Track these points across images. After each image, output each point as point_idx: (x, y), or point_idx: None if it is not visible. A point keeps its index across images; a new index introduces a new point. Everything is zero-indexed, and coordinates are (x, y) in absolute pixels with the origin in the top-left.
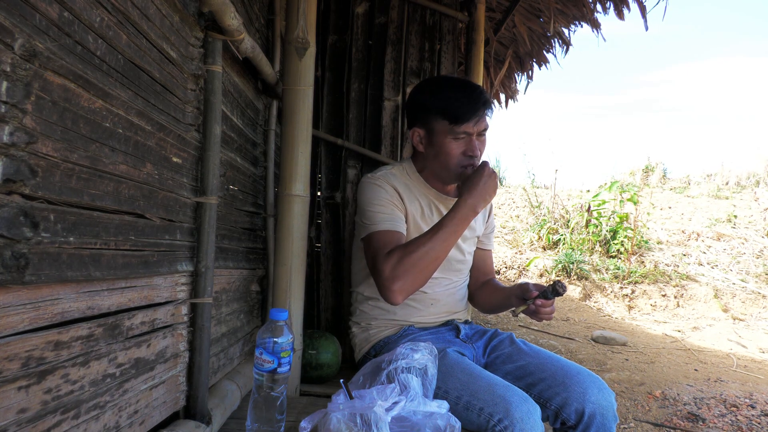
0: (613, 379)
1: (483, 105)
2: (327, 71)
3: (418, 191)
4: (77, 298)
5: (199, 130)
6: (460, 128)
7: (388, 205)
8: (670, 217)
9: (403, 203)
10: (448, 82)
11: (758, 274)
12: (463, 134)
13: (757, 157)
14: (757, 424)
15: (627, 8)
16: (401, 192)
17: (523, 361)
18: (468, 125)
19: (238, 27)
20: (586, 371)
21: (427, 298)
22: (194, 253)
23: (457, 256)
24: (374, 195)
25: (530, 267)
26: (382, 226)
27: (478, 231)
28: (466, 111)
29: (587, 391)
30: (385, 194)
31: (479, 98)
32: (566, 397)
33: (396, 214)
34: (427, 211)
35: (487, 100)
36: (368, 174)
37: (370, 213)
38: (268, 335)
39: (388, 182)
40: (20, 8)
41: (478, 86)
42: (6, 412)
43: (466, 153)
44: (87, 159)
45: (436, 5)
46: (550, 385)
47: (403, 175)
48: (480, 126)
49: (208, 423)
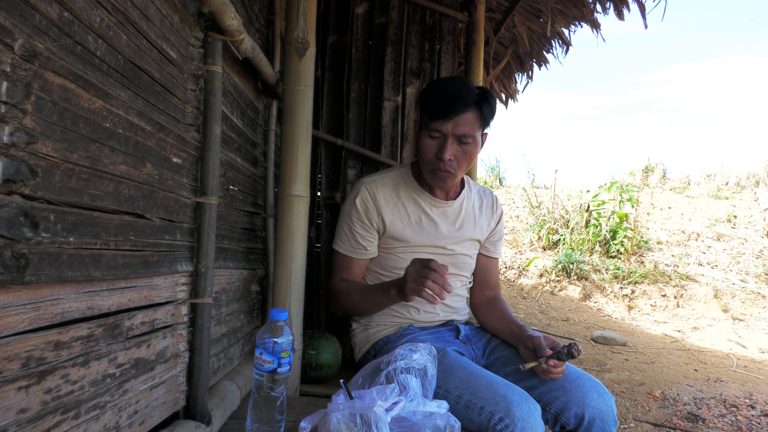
0: (613, 379)
1: (462, 105)
2: (327, 71)
3: (408, 197)
4: (77, 298)
5: (199, 130)
6: (434, 125)
7: (356, 227)
8: (670, 218)
9: (381, 215)
10: (446, 79)
11: (758, 275)
12: (438, 133)
13: (756, 158)
14: (757, 425)
15: (627, 8)
16: (382, 202)
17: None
18: (442, 123)
19: (238, 27)
20: (586, 375)
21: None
22: (194, 254)
23: (449, 260)
24: (349, 211)
25: (530, 267)
26: (343, 249)
27: (478, 235)
28: (440, 107)
29: (587, 396)
30: (356, 214)
31: (459, 97)
32: (566, 401)
33: (359, 240)
34: (415, 217)
35: (469, 101)
36: (362, 179)
37: (339, 228)
38: (268, 335)
39: (371, 193)
40: (20, 8)
41: (469, 87)
42: (6, 412)
43: (437, 155)
44: (87, 159)
45: (436, 5)
46: (550, 389)
47: (396, 180)
48: (458, 129)
49: (208, 423)
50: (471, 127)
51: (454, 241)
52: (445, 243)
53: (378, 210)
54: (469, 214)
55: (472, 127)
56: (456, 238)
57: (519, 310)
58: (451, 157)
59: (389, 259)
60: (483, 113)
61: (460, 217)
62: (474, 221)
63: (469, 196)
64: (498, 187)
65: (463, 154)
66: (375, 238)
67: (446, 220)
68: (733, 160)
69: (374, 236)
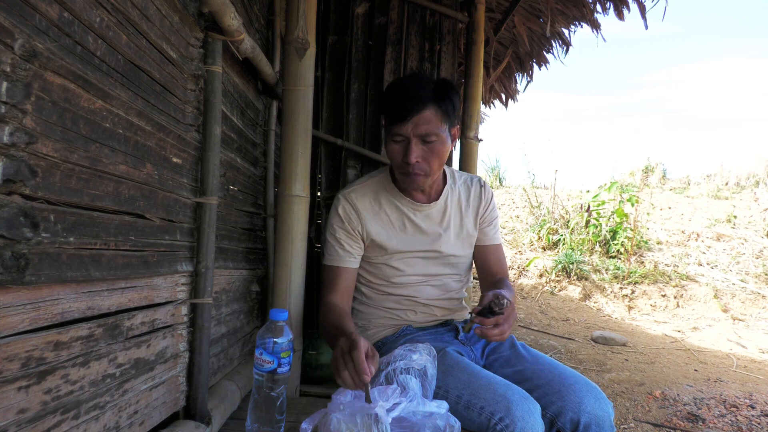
0: (613, 379)
1: (418, 103)
2: (327, 71)
3: (390, 204)
4: (77, 298)
5: (199, 130)
6: (394, 128)
7: (341, 235)
8: (670, 218)
9: (361, 223)
10: (401, 79)
11: (758, 275)
12: (399, 137)
13: (756, 158)
14: (757, 425)
15: (627, 8)
16: (363, 212)
17: (521, 366)
18: (401, 126)
19: (238, 27)
20: (583, 380)
21: (418, 301)
22: (194, 254)
23: (440, 262)
24: (332, 222)
25: (530, 267)
26: (330, 260)
27: (467, 230)
28: (397, 109)
29: (583, 401)
30: (339, 223)
31: (413, 96)
32: (562, 406)
33: (345, 248)
34: (398, 224)
35: (425, 99)
36: (341, 190)
37: (324, 240)
38: (267, 335)
39: (350, 203)
40: (20, 8)
41: (424, 84)
42: (6, 412)
43: (403, 159)
44: (87, 159)
45: (436, 6)
46: (547, 393)
47: (375, 188)
48: (419, 129)
49: (208, 423)
50: (432, 125)
51: (443, 242)
52: (433, 246)
53: (361, 220)
54: (454, 212)
55: (433, 125)
56: (444, 239)
57: (519, 311)
58: (417, 159)
59: (383, 269)
60: (443, 108)
61: (445, 217)
62: (461, 217)
63: (452, 192)
64: (498, 187)
65: (430, 153)
66: (361, 246)
67: (431, 222)
68: (732, 161)
69: (360, 244)
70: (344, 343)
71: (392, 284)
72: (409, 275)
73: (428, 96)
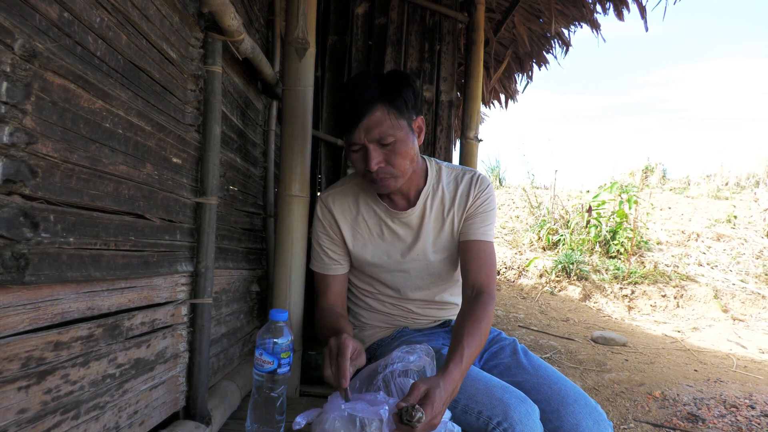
0: (613, 379)
1: (363, 106)
2: (327, 72)
3: (368, 208)
4: (77, 298)
5: (198, 130)
6: (348, 138)
7: (324, 241)
8: (670, 218)
9: (339, 230)
10: (345, 84)
11: (758, 275)
12: (355, 145)
13: (756, 158)
14: (757, 425)
15: (627, 9)
16: (340, 218)
17: (521, 377)
18: (353, 134)
19: (238, 27)
20: (583, 399)
21: (410, 305)
22: (194, 254)
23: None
24: (315, 227)
25: (530, 267)
26: (317, 267)
27: (452, 230)
28: (344, 117)
29: (580, 424)
30: (321, 228)
31: (357, 98)
32: (558, 426)
33: (330, 256)
34: (376, 230)
35: (369, 99)
36: (323, 191)
37: (311, 247)
38: (267, 336)
39: (327, 208)
40: (20, 8)
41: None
42: (6, 412)
43: (365, 167)
44: (87, 159)
45: (436, 6)
46: (544, 410)
47: (356, 190)
48: (372, 135)
49: (208, 423)
50: (385, 126)
51: (427, 250)
52: (415, 256)
53: (338, 226)
54: (436, 214)
55: (386, 125)
56: (426, 246)
57: (519, 311)
58: (380, 164)
59: (366, 279)
60: (395, 105)
61: (424, 222)
62: (442, 220)
63: (435, 193)
64: (498, 187)
65: (392, 154)
66: (345, 250)
67: (410, 230)
68: (732, 161)
69: (344, 248)
70: (333, 343)
71: (380, 293)
72: (393, 288)
73: (374, 96)
